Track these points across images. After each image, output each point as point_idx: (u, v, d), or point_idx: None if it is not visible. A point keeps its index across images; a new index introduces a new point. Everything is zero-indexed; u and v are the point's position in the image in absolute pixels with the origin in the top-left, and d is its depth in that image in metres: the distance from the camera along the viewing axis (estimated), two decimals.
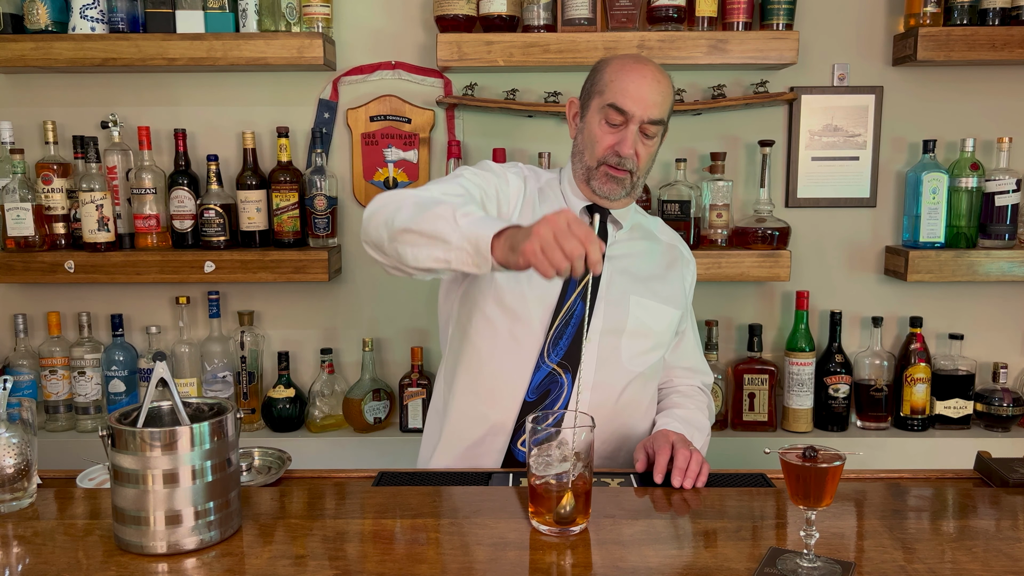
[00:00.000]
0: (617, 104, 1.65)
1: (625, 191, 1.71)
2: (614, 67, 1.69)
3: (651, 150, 1.70)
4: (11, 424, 1.40)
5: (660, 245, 1.87)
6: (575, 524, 1.30)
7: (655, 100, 1.65)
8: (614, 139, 1.67)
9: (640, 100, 1.64)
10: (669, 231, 1.94)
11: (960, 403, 2.46)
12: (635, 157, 1.67)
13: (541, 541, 1.28)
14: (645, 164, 1.71)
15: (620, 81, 1.66)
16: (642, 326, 1.74)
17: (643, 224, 1.88)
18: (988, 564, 1.21)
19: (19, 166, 2.32)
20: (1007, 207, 2.36)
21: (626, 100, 1.64)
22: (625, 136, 1.66)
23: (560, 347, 1.68)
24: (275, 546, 1.27)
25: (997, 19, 2.29)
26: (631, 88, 1.65)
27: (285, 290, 2.55)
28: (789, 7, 2.30)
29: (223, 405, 1.34)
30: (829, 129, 2.46)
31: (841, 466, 1.17)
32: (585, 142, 1.72)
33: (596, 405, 1.68)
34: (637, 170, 1.69)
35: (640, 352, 1.75)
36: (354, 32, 2.45)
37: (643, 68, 1.68)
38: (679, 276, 1.85)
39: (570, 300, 1.69)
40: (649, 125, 1.66)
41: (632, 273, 1.77)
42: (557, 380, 1.68)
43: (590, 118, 1.70)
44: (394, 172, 2.48)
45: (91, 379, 2.44)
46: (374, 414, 2.47)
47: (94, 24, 2.29)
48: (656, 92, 1.66)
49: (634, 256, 1.80)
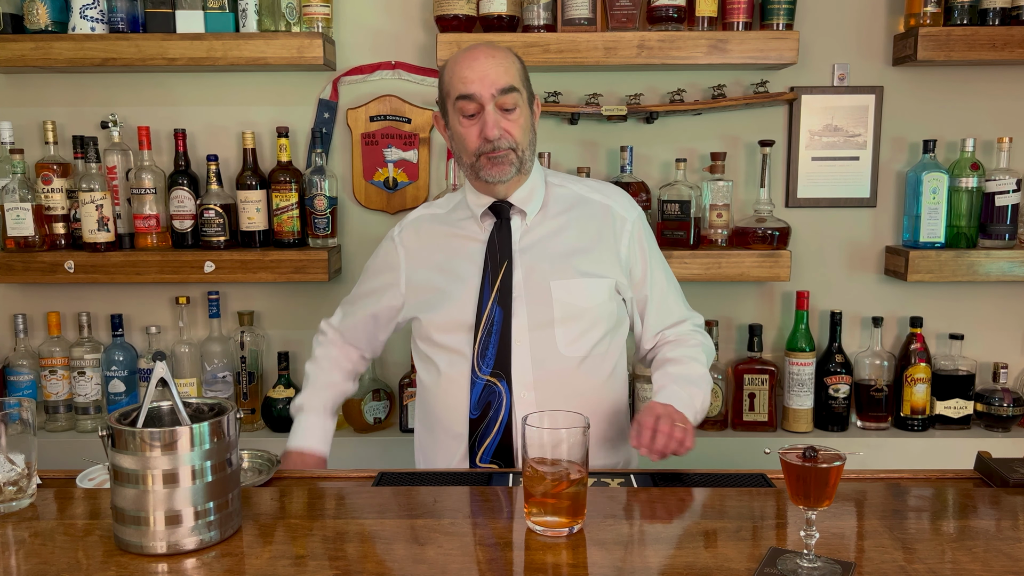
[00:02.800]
0: (462, 92, 1.65)
1: (515, 167, 1.69)
2: (450, 64, 1.70)
3: (520, 122, 1.68)
4: (11, 424, 1.40)
5: (589, 207, 1.80)
6: (570, 524, 1.30)
7: (496, 72, 1.64)
8: (477, 128, 1.67)
9: (481, 79, 1.64)
10: (607, 188, 1.85)
11: (960, 403, 2.46)
12: (507, 135, 1.66)
13: (540, 542, 1.27)
14: (522, 137, 1.69)
15: (457, 72, 1.67)
16: (571, 308, 1.70)
17: (564, 195, 1.81)
18: (988, 564, 1.21)
19: (19, 166, 2.32)
20: (1007, 207, 2.36)
21: (468, 85, 1.65)
22: (485, 120, 1.65)
23: (489, 357, 1.68)
24: (275, 546, 1.27)
25: (997, 19, 2.29)
26: (467, 73, 1.65)
27: (285, 290, 2.55)
28: (789, 7, 2.30)
29: (223, 405, 1.34)
30: (829, 129, 2.46)
31: (841, 466, 1.17)
32: (458, 145, 1.73)
33: (545, 402, 1.66)
34: (517, 145, 1.68)
35: (577, 336, 1.71)
36: (354, 32, 2.45)
37: (472, 51, 1.68)
38: (611, 239, 1.77)
39: (487, 308, 1.69)
40: (502, 97, 1.65)
41: (550, 256, 1.73)
42: (495, 390, 1.68)
43: (452, 121, 1.71)
44: (394, 172, 2.48)
45: (91, 379, 2.44)
46: (374, 414, 2.47)
47: (94, 24, 2.29)
48: (491, 65, 1.65)
49: (552, 236, 1.76)
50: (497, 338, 1.68)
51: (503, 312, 1.68)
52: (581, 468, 1.30)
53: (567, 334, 1.70)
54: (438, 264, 1.78)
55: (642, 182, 2.41)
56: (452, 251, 1.78)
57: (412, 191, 2.49)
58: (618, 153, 2.44)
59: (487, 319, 1.68)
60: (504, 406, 1.68)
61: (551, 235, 1.76)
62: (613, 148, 2.49)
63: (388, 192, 2.49)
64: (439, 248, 1.80)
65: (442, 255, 1.79)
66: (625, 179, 2.38)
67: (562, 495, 1.29)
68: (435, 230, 1.82)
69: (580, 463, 1.30)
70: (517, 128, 1.68)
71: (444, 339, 1.73)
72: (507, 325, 1.68)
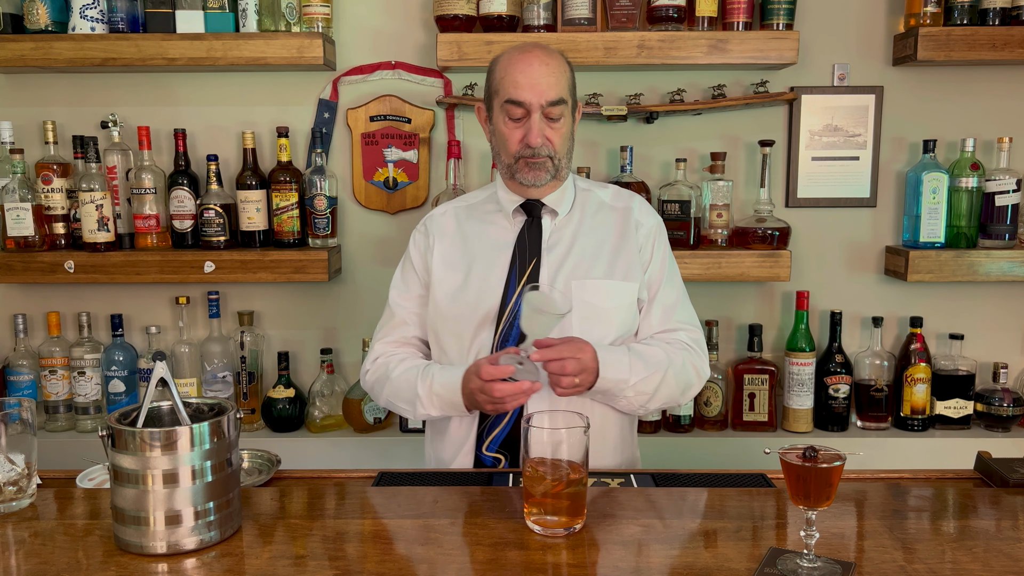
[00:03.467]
0: (512, 98, 1.67)
1: (550, 174, 1.72)
2: (502, 63, 1.71)
3: (563, 131, 1.71)
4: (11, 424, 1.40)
5: (612, 215, 1.82)
6: (569, 525, 1.30)
7: (548, 83, 1.66)
8: (521, 132, 1.69)
9: (532, 87, 1.65)
10: (626, 195, 1.87)
11: (960, 403, 2.46)
12: (548, 143, 1.69)
13: (541, 541, 1.27)
14: (561, 146, 1.72)
15: (510, 75, 1.67)
16: (590, 309, 1.71)
17: (591, 198, 1.84)
18: (988, 564, 1.21)
19: (19, 166, 2.32)
20: (1007, 207, 2.36)
21: (519, 91, 1.66)
22: (530, 127, 1.67)
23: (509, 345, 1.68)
24: (275, 546, 1.27)
25: (997, 19, 2.29)
26: (520, 78, 1.66)
27: (285, 290, 2.55)
28: (789, 7, 2.30)
29: (223, 405, 1.34)
30: (829, 129, 2.46)
31: (841, 466, 1.17)
32: (498, 143, 1.75)
33: (558, 399, 1.66)
34: (555, 154, 1.71)
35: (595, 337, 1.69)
36: (354, 32, 2.45)
37: (528, 56, 1.68)
38: (633, 244, 1.79)
39: (512, 300, 1.70)
40: (550, 108, 1.67)
41: (575, 257, 1.75)
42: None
43: (495, 119, 1.73)
44: (394, 172, 2.48)
45: (91, 379, 2.44)
46: (374, 414, 2.47)
47: (94, 24, 2.29)
48: (546, 74, 1.66)
49: (578, 238, 1.78)
50: (518, 331, 1.68)
51: None
52: (581, 468, 1.30)
53: (585, 334, 1.70)
54: (464, 252, 1.80)
55: (642, 182, 2.41)
56: (480, 241, 1.80)
57: (412, 191, 2.49)
58: (618, 153, 2.44)
59: (511, 311, 1.70)
60: None
61: (578, 237, 1.79)
62: (613, 148, 2.49)
63: (388, 192, 2.49)
64: (467, 236, 1.81)
65: (469, 244, 1.80)
66: (625, 179, 2.38)
67: (562, 495, 1.29)
68: (464, 220, 1.84)
69: (580, 463, 1.30)
70: (559, 137, 1.70)
71: (467, 330, 1.74)
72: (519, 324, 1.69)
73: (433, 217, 1.88)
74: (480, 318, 1.72)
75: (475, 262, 1.78)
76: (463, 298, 1.75)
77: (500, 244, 1.78)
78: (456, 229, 1.83)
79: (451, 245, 1.81)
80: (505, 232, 1.79)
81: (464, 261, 1.79)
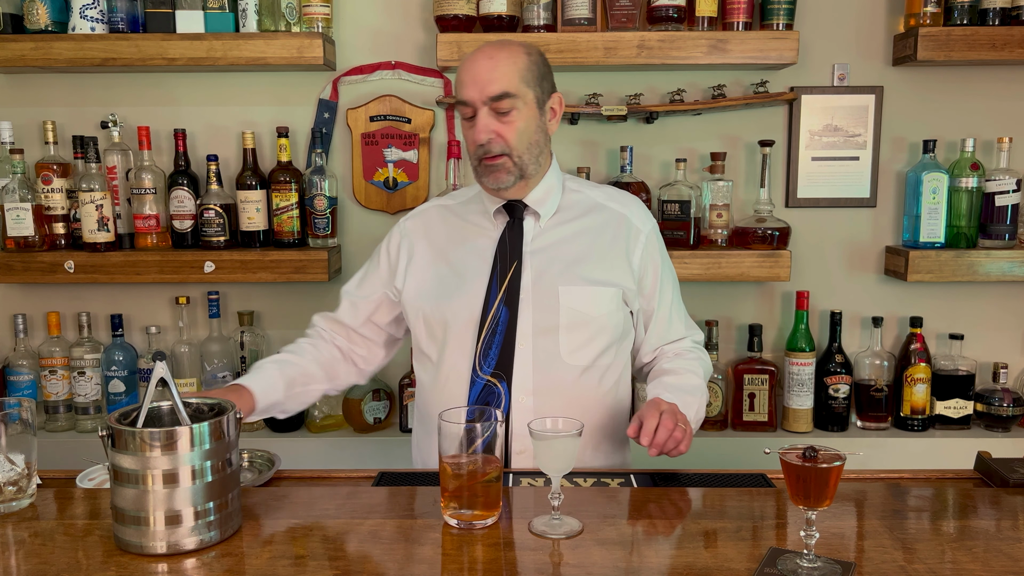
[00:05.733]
0: (459, 97, 1.65)
1: (512, 176, 1.65)
2: (460, 65, 1.68)
3: (516, 125, 1.62)
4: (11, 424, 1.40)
5: (604, 215, 1.77)
6: (484, 518, 1.32)
7: (489, 77, 1.60)
8: (473, 132, 1.65)
9: (474, 83, 1.61)
10: (624, 197, 1.82)
11: (960, 403, 2.46)
12: (499, 139, 1.63)
13: (541, 541, 1.27)
14: (518, 141, 1.63)
15: (459, 75, 1.65)
16: (577, 316, 1.68)
17: (581, 200, 1.79)
18: (988, 564, 1.21)
19: (19, 166, 2.32)
20: (1007, 207, 2.36)
21: (463, 89, 1.63)
22: (476, 124, 1.63)
23: (491, 357, 1.66)
24: (275, 546, 1.27)
25: (997, 19, 2.29)
26: (464, 76, 1.64)
27: (285, 290, 2.55)
28: (789, 7, 2.30)
29: (223, 405, 1.34)
30: (829, 129, 2.46)
31: (841, 466, 1.17)
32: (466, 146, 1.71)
33: (543, 408, 1.64)
34: (511, 150, 1.63)
35: (581, 344, 1.69)
36: (354, 32, 2.45)
37: (476, 53, 1.65)
38: (623, 249, 1.74)
39: (493, 307, 1.66)
40: (496, 103, 1.60)
41: (561, 261, 1.71)
42: (494, 391, 1.66)
43: (459, 123, 1.71)
44: (394, 172, 2.48)
45: (91, 379, 2.44)
46: (374, 414, 2.47)
47: (94, 24, 2.29)
48: (488, 68, 1.61)
49: (564, 241, 1.73)
50: (501, 339, 1.66)
51: (509, 313, 1.66)
52: (495, 461, 1.32)
53: (571, 341, 1.68)
54: (445, 255, 1.76)
55: (642, 182, 2.41)
56: (460, 244, 1.76)
57: (412, 191, 2.49)
58: (618, 153, 2.44)
59: (492, 318, 1.66)
60: (503, 409, 1.66)
61: (563, 240, 1.74)
62: (613, 148, 2.49)
63: (388, 192, 2.49)
64: (447, 239, 1.78)
65: (450, 246, 1.77)
66: (625, 179, 2.38)
67: (477, 488, 1.31)
68: (444, 221, 1.80)
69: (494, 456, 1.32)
70: (512, 131, 1.63)
71: (446, 334, 1.70)
72: (512, 327, 1.66)
73: (414, 214, 1.85)
74: (460, 323, 1.69)
75: (455, 265, 1.74)
76: (444, 302, 1.71)
77: (482, 247, 1.74)
78: (434, 229, 1.80)
79: (432, 245, 1.78)
80: (487, 234, 1.75)
81: (445, 263, 1.75)
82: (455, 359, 1.70)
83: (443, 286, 1.73)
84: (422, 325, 1.75)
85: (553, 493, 1.32)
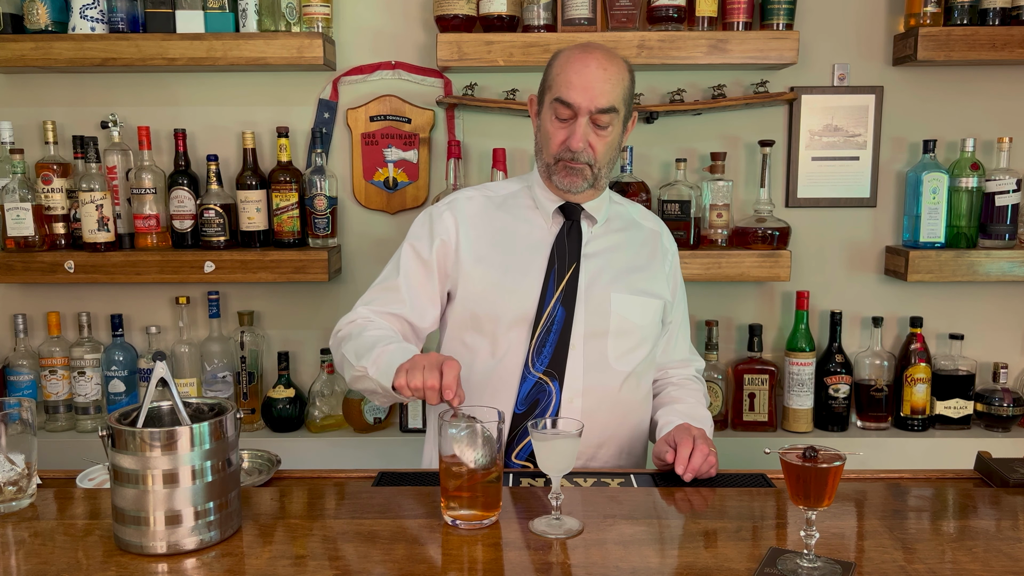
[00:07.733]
0: (562, 98, 1.63)
1: (587, 183, 1.68)
2: (560, 60, 1.67)
3: (607, 140, 1.66)
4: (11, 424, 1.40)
5: (642, 232, 1.83)
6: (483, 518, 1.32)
7: (602, 89, 1.61)
8: (565, 134, 1.65)
9: (585, 90, 1.61)
10: (652, 217, 1.89)
11: (960, 403, 2.46)
12: (590, 150, 1.64)
13: (541, 541, 1.28)
14: (604, 155, 1.67)
15: (565, 73, 1.63)
16: (625, 323, 1.71)
17: (623, 213, 1.84)
18: (988, 564, 1.21)
19: (19, 166, 2.32)
20: (1007, 207, 2.36)
21: (571, 92, 1.62)
22: (575, 130, 1.63)
23: (544, 355, 1.66)
24: (275, 546, 1.27)
25: (997, 19, 2.29)
26: (575, 79, 1.62)
27: (285, 290, 2.55)
28: (789, 7, 2.30)
29: (223, 405, 1.34)
30: (829, 129, 2.46)
31: (841, 466, 1.17)
32: (542, 139, 1.71)
33: (590, 410, 1.67)
34: (595, 162, 1.66)
35: (627, 350, 1.72)
36: (354, 32, 2.45)
37: (587, 57, 1.63)
38: (660, 265, 1.81)
39: (550, 306, 1.67)
40: (599, 115, 1.62)
41: (612, 268, 1.74)
42: (545, 389, 1.66)
43: (544, 114, 1.69)
44: (394, 172, 2.48)
45: (91, 379, 2.44)
46: (374, 414, 2.47)
47: (94, 24, 2.29)
48: (602, 80, 1.61)
49: (613, 250, 1.77)
50: (556, 338, 1.66)
51: (565, 313, 1.67)
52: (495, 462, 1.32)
53: (618, 347, 1.71)
54: (495, 248, 1.73)
55: (642, 182, 2.41)
56: (512, 239, 1.74)
57: (412, 191, 2.49)
58: None
59: (548, 316, 1.66)
60: (552, 407, 1.66)
61: (613, 248, 1.77)
62: None
63: (388, 192, 2.49)
64: (496, 232, 1.75)
65: (500, 240, 1.74)
66: (625, 179, 2.38)
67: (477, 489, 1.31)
68: (491, 212, 1.77)
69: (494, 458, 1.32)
70: (603, 145, 1.66)
71: (499, 329, 1.68)
72: (568, 327, 1.67)
73: (458, 200, 1.78)
74: (512, 319, 1.68)
75: (510, 260, 1.72)
76: (496, 297, 1.69)
77: (536, 244, 1.73)
78: (485, 219, 1.76)
79: (481, 236, 1.74)
80: (542, 232, 1.74)
81: (497, 256, 1.72)
82: (506, 354, 1.68)
83: (497, 280, 1.70)
84: (469, 318, 1.72)
85: (553, 493, 1.33)
